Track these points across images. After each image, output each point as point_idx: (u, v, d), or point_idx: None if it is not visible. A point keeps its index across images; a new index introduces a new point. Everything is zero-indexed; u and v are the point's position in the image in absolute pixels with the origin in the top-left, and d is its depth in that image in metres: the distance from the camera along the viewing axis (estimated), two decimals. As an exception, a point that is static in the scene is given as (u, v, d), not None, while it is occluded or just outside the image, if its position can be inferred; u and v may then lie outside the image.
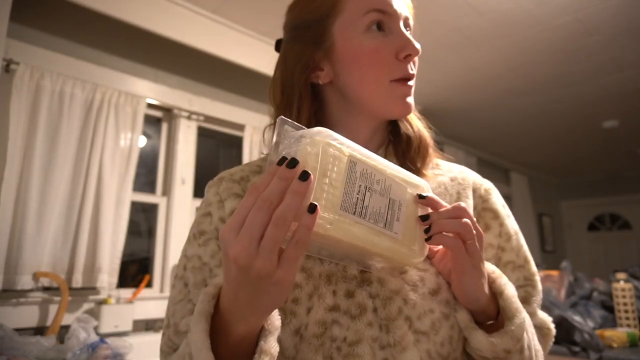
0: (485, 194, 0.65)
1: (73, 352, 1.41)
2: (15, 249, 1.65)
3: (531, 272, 0.63)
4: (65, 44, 1.94)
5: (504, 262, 0.62)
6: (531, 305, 0.61)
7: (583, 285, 2.02)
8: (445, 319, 0.53)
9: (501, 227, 0.63)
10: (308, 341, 0.50)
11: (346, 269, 0.54)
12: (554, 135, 4.16)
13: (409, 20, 0.61)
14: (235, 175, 0.64)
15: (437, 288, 0.53)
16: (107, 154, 1.91)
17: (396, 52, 0.57)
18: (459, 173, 0.67)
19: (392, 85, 0.57)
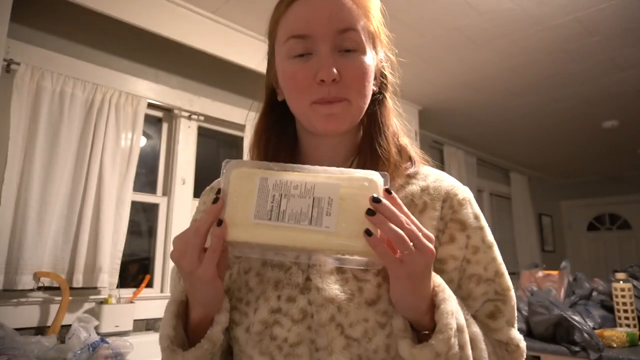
0: (457, 205, 0.63)
1: (74, 352, 1.41)
2: (16, 248, 1.66)
3: (503, 287, 0.61)
4: (66, 44, 1.94)
5: (468, 274, 0.60)
6: (497, 320, 0.59)
7: (583, 285, 2.02)
8: (381, 327, 0.55)
9: (468, 239, 0.61)
10: (252, 338, 0.57)
11: (292, 276, 0.58)
12: (554, 135, 4.16)
13: (347, 33, 0.58)
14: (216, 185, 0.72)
15: (375, 298, 0.56)
16: (108, 154, 1.92)
17: (314, 76, 0.57)
18: (433, 182, 0.65)
19: (313, 107, 0.59)
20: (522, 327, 1.83)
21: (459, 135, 4.13)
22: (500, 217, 4.84)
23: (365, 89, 0.61)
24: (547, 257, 5.36)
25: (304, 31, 0.58)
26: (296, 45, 0.59)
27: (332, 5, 0.59)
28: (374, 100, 0.65)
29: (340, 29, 0.58)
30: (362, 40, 0.59)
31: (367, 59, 0.60)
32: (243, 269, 0.62)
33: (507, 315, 0.61)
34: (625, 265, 2.09)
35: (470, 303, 0.59)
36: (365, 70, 0.60)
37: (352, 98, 0.59)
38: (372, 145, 0.63)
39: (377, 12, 0.65)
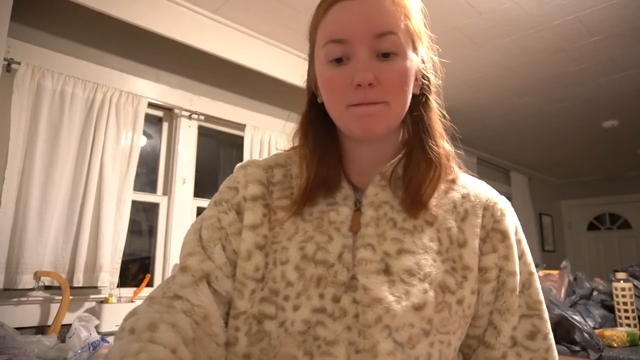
0: (499, 215, 0.63)
1: (74, 351, 1.42)
2: (16, 248, 1.66)
3: (535, 300, 0.62)
4: (66, 43, 1.94)
5: (509, 287, 0.60)
6: (536, 341, 0.59)
7: (583, 284, 2.02)
8: (425, 335, 0.53)
9: (508, 250, 0.61)
10: (293, 336, 0.53)
11: (337, 274, 0.56)
12: (554, 135, 4.16)
13: (386, 37, 0.57)
14: (261, 162, 0.69)
15: (422, 304, 0.54)
16: (108, 153, 1.92)
17: (350, 81, 0.57)
18: (473, 189, 0.65)
19: (349, 109, 0.58)
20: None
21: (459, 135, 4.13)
22: (500, 217, 4.83)
23: (404, 93, 0.59)
24: (548, 256, 5.36)
25: (342, 35, 0.57)
26: (334, 49, 0.58)
27: (370, 9, 0.57)
28: (417, 102, 0.64)
29: (378, 33, 0.57)
30: (401, 44, 0.58)
31: (406, 62, 0.59)
32: (279, 259, 0.59)
33: (544, 331, 0.60)
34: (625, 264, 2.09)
35: (509, 317, 0.59)
36: (405, 74, 0.58)
37: (391, 101, 0.58)
38: (423, 148, 0.62)
39: (418, 12, 0.64)
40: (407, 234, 0.59)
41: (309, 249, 0.58)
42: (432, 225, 0.60)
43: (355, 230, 0.59)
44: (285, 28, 2.31)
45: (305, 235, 0.59)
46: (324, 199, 0.63)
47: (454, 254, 0.59)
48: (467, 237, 0.60)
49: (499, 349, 0.59)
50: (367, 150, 0.65)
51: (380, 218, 0.60)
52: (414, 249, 0.57)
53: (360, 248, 0.57)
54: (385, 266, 0.56)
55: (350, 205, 0.61)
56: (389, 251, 0.57)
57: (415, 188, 0.60)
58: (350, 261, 0.57)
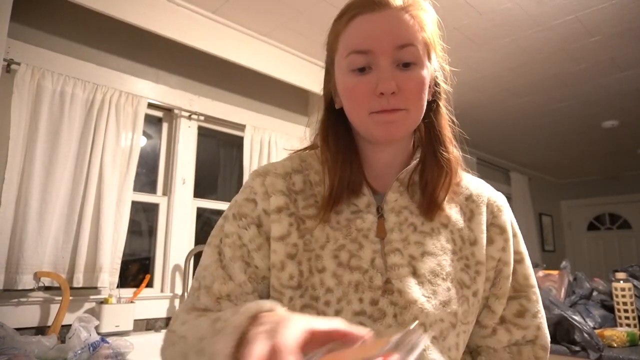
0: (497, 211, 0.70)
1: (74, 352, 1.42)
2: (16, 248, 1.66)
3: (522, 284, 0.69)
4: (66, 44, 1.94)
5: (505, 275, 0.68)
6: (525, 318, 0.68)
7: (583, 284, 2.02)
8: (452, 327, 0.61)
9: (505, 243, 0.68)
10: None
11: (372, 279, 0.61)
12: (554, 135, 4.16)
13: (406, 48, 0.61)
14: (279, 170, 0.70)
15: (447, 300, 0.61)
16: (108, 153, 1.92)
17: (373, 89, 0.60)
18: (475, 190, 0.72)
19: (372, 116, 0.62)
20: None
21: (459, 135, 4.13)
22: (500, 217, 4.83)
23: (422, 100, 0.64)
24: (547, 256, 5.36)
25: (365, 47, 0.61)
26: (357, 59, 0.61)
27: (391, 22, 0.61)
28: (429, 108, 0.68)
29: (399, 45, 0.61)
30: (419, 54, 0.62)
31: (424, 71, 0.63)
32: (316, 267, 0.62)
33: (532, 310, 0.68)
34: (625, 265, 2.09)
35: (503, 301, 0.67)
36: (423, 83, 0.63)
37: (410, 109, 0.62)
38: (435, 155, 0.67)
39: (434, 25, 0.68)
40: (427, 237, 0.65)
41: (343, 256, 0.62)
42: (446, 227, 0.66)
43: (382, 236, 0.64)
44: (284, 28, 2.31)
45: (336, 243, 0.63)
46: (347, 206, 0.66)
47: (467, 252, 0.66)
48: (476, 235, 0.67)
49: (490, 327, 0.68)
50: (384, 154, 0.69)
51: (402, 223, 0.65)
52: (435, 251, 0.64)
53: (390, 254, 0.63)
54: (413, 269, 0.62)
55: (374, 212, 0.66)
56: (414, 254, 0.63)
57: (431, 192, 0.66)
58: (382, 266, 0.62)
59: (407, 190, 0.68)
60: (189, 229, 2.31)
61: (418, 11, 0.64)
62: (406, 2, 0.63)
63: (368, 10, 0.62)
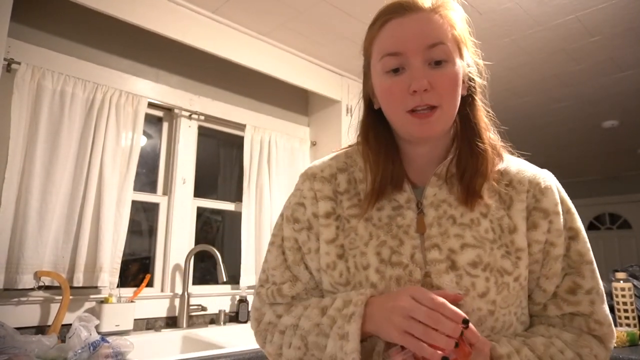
0: (539, 194, 0.70)
1: (74, 351, 1.42)
2: (16, 248, 1.66)
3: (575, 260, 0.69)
4: (67, 43, 1.94)
5: (553, 255, 0.68)
6: (577, 295, 0.68)
7: (583, 284, 2.02)
8: (490, 314, 0.64)
9: (550, 224, 0.68)
10: None
11: (412, 274, 0.65)
12: (553, 135, 4.16)
13: (437, 47, 0.65)
14: (325, 172, 0.76)
15: (485, 291, 0.63)
16: (108, 153, 1.92)
17: (407, 88, 0.64)
18: (515, 175, 0.72)
19: (408, 114, 0.66)
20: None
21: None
22: (500, 217, 4.83)
23: (454, 96, 0.67)
24: (547, 257, 5.36)
25: (397, 49, 0.65)
26: (390, 61, 0.66)
27: (421, 23, 0.66)
28: (465, 102, 0.72)
29: (429, 45, 0.65)
30: (450, 52, 0.66)
31: (455, 67, 0.66)
32: (361, 264, 0.67)
33: (585, 287, 0.68)
34: (625, 264, 2.09)
35: (554, 280, 0.68)
36: (454, 79, 0.66)
37: (444, 104, 0.65)
38: (471, 146, 0.70)
39: (462, 22, 0.72)
40: (466, 229, 0.67)
41: (385, 253, 0.67)
42: (486, 217, 0.68)
43: (422, 232, 0.68)
44: (285, 28, 2.31)
45: (378, 240, 0.68)
46: (389, 202, 0.71)
47: (507, 240, 0.67)
48: (516, 223, 0.68)
49: (542, 304, 0.69)
50: (423, 150, 0.72)
51: (441, 217, 0.68)
52: (474, 243, 0.66)
53: (430, 249, 0.66)
54: (452, 263, 0.64)
55: (414, 208, 0.70)
56: (453, 247, 0.65)
57: (468, 182, 0.68)
58: (421, 261, 0.66)
59: (446, 183, 0.70)
60: (189, 229, 2.31)
61: (447, 11, 0.68)
62: (435, 4, 0.67)
63: (399, 14, 0.66)
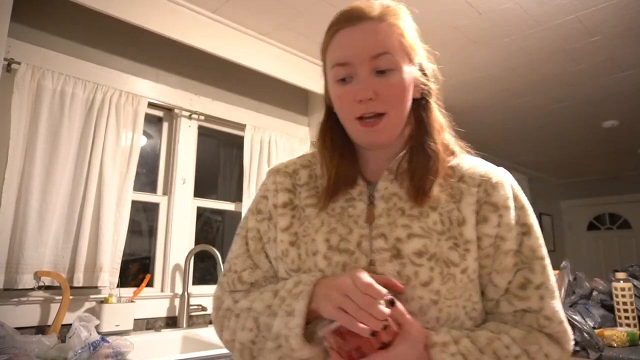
0: (491, 189, 0.72)
1: (74, 351, 1.42)
2: (16, 248, 1.66)
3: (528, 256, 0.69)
4: (67, 43, 1.94)
5: (503, 250, 0.68)
6: (527, 289, 0.67)
7: (583, 284, 2.02)
8: (434, 304, 0.64)
9: (500, 218, 0.69)
10: None
11: (357, 260, 0.67)
12: (554, 135, 4.16)
13: (382, 56, 0.67)
14: (289, 168, 0.81)
15: (429, 280, 0.64)
16: (108, 153, 1.92)
17: (355, 97, 0.68)
18: (467, 170, 0.74)
19: (357, 122, 0.69)
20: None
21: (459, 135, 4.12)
22: (500, 217, 4.83)
23: (402, 103, 0.70)
24: (547, 257, 5.36)
25: (345, 59, 0.69)
26: (339, 71, 0.69)
27: (367, 34, 0.68)
28: (419, 105, 0.75)
29: (374, 55, 0.67)
30: (396, 60, 0.68)
31: (403, 75, 0.69)
32: (311, 250, 0.70)
33: (535, 282, 0.68)
34: (625, 264, 2.09)
35: (505, 275, 0.68)
36: (401, 87, 0.69)
37: (390, 111, 0.69)
38: (423, 146, 0.72)
39: (410, 30, 0.73)
40: (414, 220, 0.68)
41: (334, 240, 0.69)
42: (435, 210, 0.69)
43: (371, 222, 0.70)
44: (285, 28, 2.31)
45: (329, 227, 0.70)
46: (343, 195, 0.74)
47: (455, 232, 0.68)
48: (465, 216, 0.69)
49: (494, 300, 0.69)
50: (378, 153, 0.75)
51: (391, 208, 0.70)
52: (421, 233, 0.67)
53: (376, 238, 0.68)
54: (397, 251, 0.66)
55: (365, 200, 0.72)
56: (400, 237, 0.67)
57: (418, 179, 0.70)
58: (367, 249, 0.68)
59: (397, 178, 0.73)
60: (189, 229, 2.31)
61: (395, 19, 0.70)
62: (382, 12, 0.70)
63: (347, 24, 0.69)
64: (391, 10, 0.71)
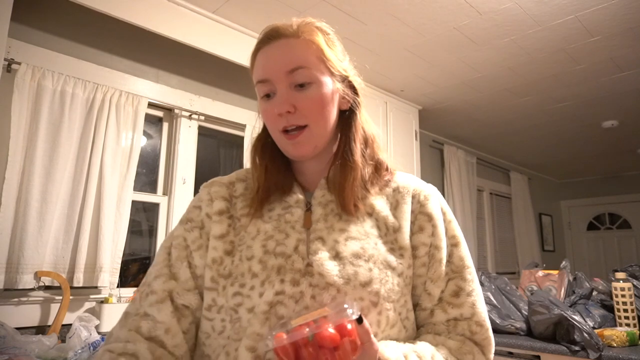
0: (424, 200, 0.75)
1: (74, 351, 1.42)
2: (17, 248, 1.66)
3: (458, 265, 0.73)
4: (67, 43, 1.94)
5: (437, 258, 0.71)
6: (460, 297, 0.70)
7: (583, 284, 2.02)
8: (373, 305, 0.64)
9: (434, 228, 0.72)
10: (258, 317, 0.63)
11: (294, 263, 0.66)
12: (553, 135, 4.16)
13: (297, 71, 0.69)
14: (224, 179, 0.81)
15: (368, 281, 0.65)
16: (108, 153, 1.92)
17: (275, 112, 0.70)
18: (401, 183, 0.77)
19: (282, 135, 0.71)
20: (522, 327, 1.84)
21: (459, 135, 4.13)
22: (500, 216, 4.84)
23: (322, 115, 0.71)
24: (547, 256, 5.36)
25: (265, 76, 0.71)
26: (262, 88, 0.72)
27: (282, 50, 0.71)
28: (345, 117, 0.76)
29: (290, 70, 0.69)
30: (313, 74, 0.70)
31: (322, 88, 0.70)
32: (245, 256, 0.69)
33: (467, 289, 0.71)
34: (625, 264, 2.09)
35: (439, 283, 0.71)
36: (319, 99, 0.70)
37: (311, 124, 0.70)
38: (346, 158, 0.73)
39: (331, 42, 0.75)
40: (351, 224, 0.70)
41: (270, 245, 0.68)
42: (371, 216, 0.72)
43: (308, 227, 0.70)
44: (285, 28, 2.31)
45: (266, 234, 0.70)
46: (279, 203, 0.74)
47: (391, 237, 0.71)
48: (400, 223, 0.72)
49: (429, 308, 0.71)
50: (309, 164, 0.77)
51: (328, 214, 0.71)
52: (359, 236, 0.69)
53: (314, 241, 0.68)
54: (336, 252, 0.66)
55: (302, 207, 0.73)
56: (337, 239, 0.68)
57: (340, 191, 0.72)
58: (305, 252, 0.67)
59: (330, 187, 0.75)
60: (189, 229, 2.31)
61: (310, 35, 0.72)
62: (298, 29, 0.72)
63: (265, 43, 0.72)
64: (307, 27, 0.73)
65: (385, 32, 2.33)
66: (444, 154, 4.03)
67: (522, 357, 1.75)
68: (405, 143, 3.18)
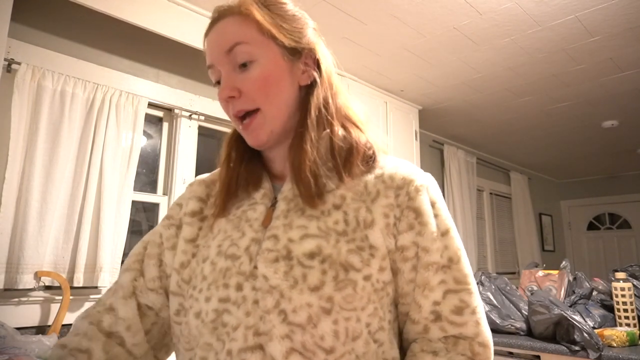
0: (414, 192, 0.62)
1: (75, 351, 1.42)
2: (16, 248, 1.66)
3: (462, 274, 0.61)
4: (67, 44, 1.94)
5: (424, 262, 0.60)
6: (464, 315, 0.60)
7: (583, 284, 2.02)
8: (326, 313, 0.55)
9: (422, 227, 0.61)
10: (206, 325, 0.59)
11: (241, 265, 0.60)
12: (553, 135, 4.17)
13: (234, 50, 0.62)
14: (208, 178, 0.76)
15: (319, 285, 0.56)
16: (108, 153, 1.92)
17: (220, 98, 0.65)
18: (389, 170, 0.65)
19: (239, 123, 0.65)
20: (522, 327, 1.84)
21: (459, 135, 4.13)
22: (500, 216, 4.84)
23: (273, 93, 0.63)
24: (547, 256, 5.36)
25: (209, 62, 0.66)
26: (212, 75, 0.67)
27: (218, 32, 0.65)
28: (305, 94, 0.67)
29: (226, 50, 0.63)
30: (252, 50, 0.62)
31: (267, 64, 0.63)
32: (202, 257, 0.65)
33: (472, 305, 0.60)
34: (625, 264, 2.09)
35: (427, 292, 0.60)
36: (264, 77, 0.62)
37: (262, 106, 0.63)
38: (300, 141, 0.64)
39: (274, 10, 0.65)
40: (313, 220, 0.61)
41: (225, 245, 0.63)
42: (339, 209, 0.62)
43: (267, 224, 0.63)
44: (285, 28, 2.31)
45: (225, 234, 0.65)
46: (247, 200, 0.68)
47: (360, 234, 0.60)
48: (374, 218, 0.61)
49: (421, 323, 0.60)
50: (275, 152, 0.69)
51: (291, 209, 0.63)
52: (317, 233, 0.60)
53: (266, 240, 0.61)
54: (287, 252, 0.59)
55: (267, 203, 0.66)
56: (293, 238, 0.60)
57: (297, 180, 0.63)
58: (254, 252, 0.61)
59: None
60: (189, 229, 2.31)
61: (247, 8, 0.64)
62: (234, 6, 0.65)
63: (209, 28, 0.67)
64: (244, 1, 0.65)
65: (385, 32, 2.33)
66: (444, 154, 4.03)
67: (522, 357, 1.75)
68: (405, 143, 3.18)
